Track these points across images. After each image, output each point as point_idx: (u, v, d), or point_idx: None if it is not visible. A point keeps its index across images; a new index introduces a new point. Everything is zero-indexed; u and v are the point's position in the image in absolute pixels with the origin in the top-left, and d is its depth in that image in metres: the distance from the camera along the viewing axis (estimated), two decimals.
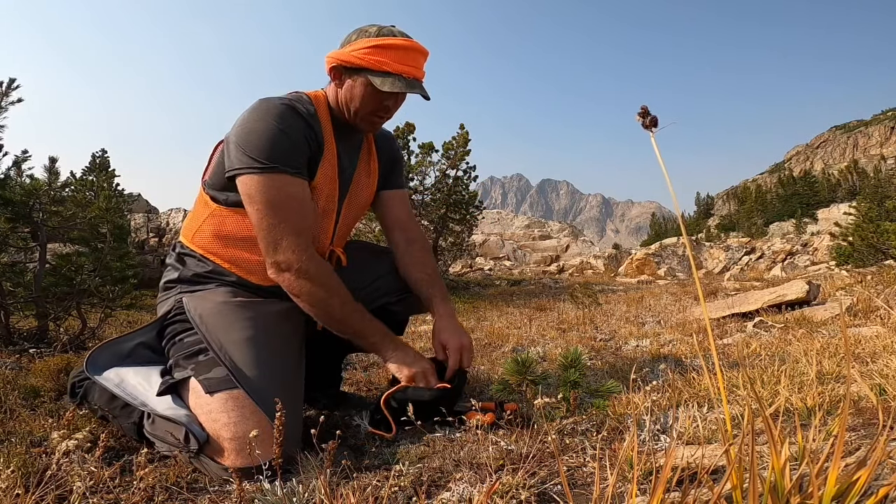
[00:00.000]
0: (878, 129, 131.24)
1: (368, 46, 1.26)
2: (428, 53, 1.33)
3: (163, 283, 1.43)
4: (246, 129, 1.23)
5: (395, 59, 1.26)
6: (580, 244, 22.95)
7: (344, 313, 1.28)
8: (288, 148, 1.24)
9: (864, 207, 8.18)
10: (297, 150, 1.26)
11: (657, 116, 0.90)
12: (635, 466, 0.74)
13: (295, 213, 1.24)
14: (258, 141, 1.21)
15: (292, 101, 1.30)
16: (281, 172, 1.22)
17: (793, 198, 51.46)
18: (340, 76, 1.33)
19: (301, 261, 1.23)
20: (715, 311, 3.25)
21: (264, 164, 1.21)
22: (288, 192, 1.23)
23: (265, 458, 0.99)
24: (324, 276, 1.26)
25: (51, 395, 1.60)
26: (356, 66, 1.28)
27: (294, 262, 1.23)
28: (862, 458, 0.68)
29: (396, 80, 1.26)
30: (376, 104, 1.32)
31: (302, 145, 1.27)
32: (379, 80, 1.26)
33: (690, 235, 30.22)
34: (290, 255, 1.22)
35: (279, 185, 1.22)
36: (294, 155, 1.25)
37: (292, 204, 1.23)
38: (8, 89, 2.63)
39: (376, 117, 1.36)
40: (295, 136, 1.25)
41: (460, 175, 8.43)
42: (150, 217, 12.32)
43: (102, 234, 2.84)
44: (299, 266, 1.23)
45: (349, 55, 1.28)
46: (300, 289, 1.25)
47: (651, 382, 1.32)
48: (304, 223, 1.26)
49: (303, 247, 1.24)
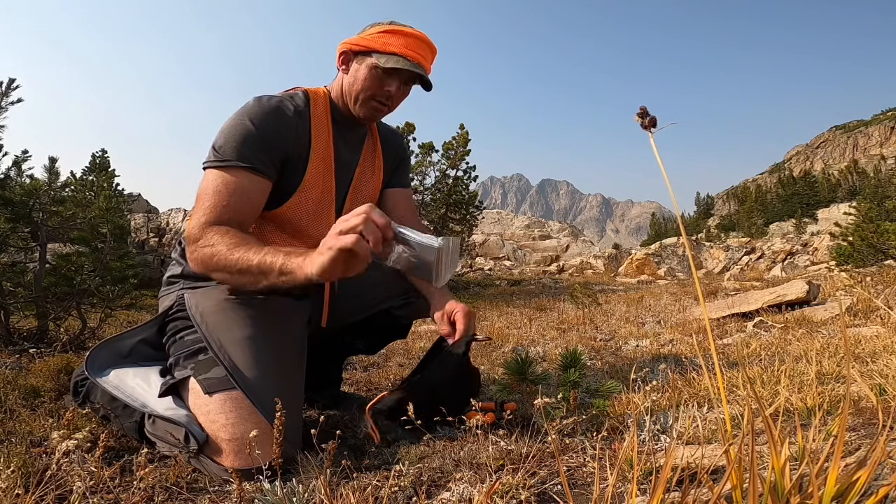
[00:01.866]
0: (878, 129, 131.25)
1: (379, 31, 1.31)
2: (436, 50, 1.36)
3: (166, 277, 1.43)
4: (223, 126, 1.26)
5: (403, 43, 1.30)
6: (580, 244, 22.96)
7: (236, 257, 1.12)
8: (255, 147, 1.24)
9: (864, 207, 8.18)
10: (266, 150, 1.25)
11: (656, 117, 0.90)
12: (635, 466, 0.74)
13: (224, 199, 1.20)
14: (226, 137, 1.23)
15: (282, 99, 1.31)
16: (236, 168, 1.22)
17: (793, 198, 51.47)
18: (349, 62, 1.36)
19: (193, 231, 1.17)
20: (715, 311, 3.25)
21: (222, 159, 1.22)
22: (234, 183, 1.21)
23: (264, 458, 0.98)
24: (216, 238, 1.15)
25: (51, 395, 1.60)
26: (364, 48, 1.31)
27: (189, 235, 1.18)
28: (862, 458, 0.68)
29: (400, 59, 1.29)
30: (378, 87, 1.32)
31: (275, 145, 1.27)
32: (384, 58, 1.29)
33: (690, 235, 30.19)
34: (192, 230, 1.18)
35: (228, 177, 1.22)
36: (260, 154, 1.24)
37: (228, 192, 1.21)
38: (8, 89, 2.64)
39: (377, 102, 1.35)
40: (269, 136, 1.25)
41: (460, 175, 8.43)
42: (150, 217, 12.32)
43: (102, 234, 2.84)
44: (189, 234, 1.18)
45: (360, 39, 1.33)
46: (193, 258, 1.18)
47: (651, 382, 1.31)
48: (223, 209, 1.20)
49: (203, 221, 1.18)
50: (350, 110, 1.38)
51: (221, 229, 1.17)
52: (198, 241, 1.18)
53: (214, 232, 1.17)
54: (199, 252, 1.17)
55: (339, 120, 1.39)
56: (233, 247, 1.12)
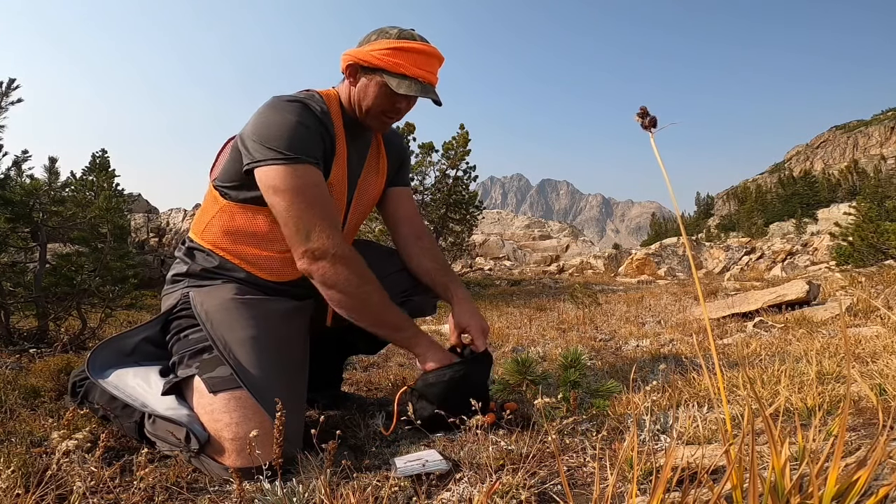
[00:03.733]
0: (878, 129, 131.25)
1: (387, 48, 1.27)
2: (444, 60, 1.35)
3: (170, 275, 1.43)
4: (264, 123, 1.24)
5: (412, 62, 1.27)
6: (580, 244, 22.96)
7: (381, 303, 1.27)
8: (307, 139, 1.24)
9: (864, 207, 8.17)
10: (316, 143, 1.27)
11: (656, 117, 0.90)
12: (635, 466, 0.74)
13: (323, 201, 1.24)
14: (278, 132, 1.22)
15: (305, 99, 1.30)
16: (304, 163, 1.22)
17: (793, 198, 51.48)
18: (356, 74, 1.34)
19: (336, 246, 1.22)
20: (715, 311, 3.25)
21: (287, 155, 1.21)
22: (313, 180, 1.23)
23: (265, 458, 0.98)
24: (359, 263, 1.25)
25: (51, 395, 1.60)
26: (373, 65, 1.29)
27: (330, 248, 1.21)
28: (862, 458, 0.68)
29: (412, 84, 1.27)
30: (389, 105, 1.33)
31: (318, 140, 1.28)
32: (395, 81, 1.27)
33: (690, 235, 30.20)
34: (325, 241, 1.21)
35: (304, 173, 1.22)
36: (313, 146, 1.26)
37: (319, 192, 1.24)
38: (8, 89, 2.64)
39: (386, 117, 1.37)
40: (313, 130, 1.26)
41: (460, 175, 8.43)
42: (150, 217, 12.32)
43: (102, 234, 2.84)
44: (335, 251, 1.21)
45: (367, 54, 1.29)
46: (337, 276, 1.23)
47: (651, 382, 1.32)
48: (332, 212, 1.26)
49: (336, 234, 1.23)
50: (358, 116, 1.38)
51: (356, 253, 1.27)
52: (343, 257, 1.22)
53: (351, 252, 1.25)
54: (346, 275, 1.23)
55: (348, 123, 1.40)
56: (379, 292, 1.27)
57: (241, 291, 1.31)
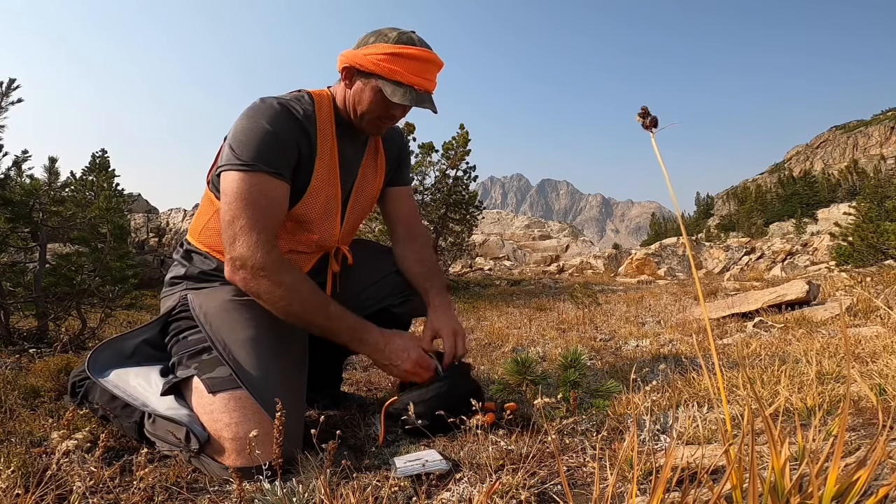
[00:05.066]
0: (878, 129, 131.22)
1: (385, 53, 1.24)
2: (443, 65, 1.32)
3: (168, 278, 1.43)
4: (238, 128, 1.24)
5: (409, 69, 1.24)
6: (580, 244, 22.96)
7: (306, 311, 1.21)
8: (274, 148, 1.22)
9: (864, 207, 8.18)
10: (283, 152, 1.24)
11: (657, 117, 0.90)
12: (635, 466, 0.74)
13: (261, 211, 1.20)
14: (244, 138, 1.21)
15: (289, 101, 1.29)
16: (259, 171, 1.20)
17: (793, 198, 51.47)
18: (352, 77, 1.32)
19: (256, 257, 1.17)
20: (715, 311, 3.25)
21: (244, 162, 1.20)
22: (261, 189, 1.21)
23: (265, 458, 0.99)
24: (281, 273, 1.19)
25: (51, 395, 1.60)
26: (369, 70, 1.26)
27: (248, 259, 1.17)
28: (862, 458, 0.68)
29: (407, 92, 1.25)
30: (383, 111, 1.31)
31: (291, 148, 1.26)
32: (390, 89, 1.24)
33: (690, 235, 30.20)
34: (245, 251, 1.17)
35: (253, 181, 1.20)
36: (279, 156, 1.23)
37: (261, 202, 1.20)
38: (8, 89, 2.63)
39: (381, 122, 1.35)
40: (284, 138, 1.24)
41: (460, 175, 8.42)
42: (150, 217, 12.32)
43: (102, 234, 2.84)
44: (254, 262, 1.17)
45: (364, 59, 1.26)
46: (257, 287, 1.19)
47: (651, 382, 1.31)
48: (269, 222, 1.21)
49: (261, 243, 1.18)
50: (352, 119, 1.37)
51: (281, 263, 1.20)
52: (262, 269, 1.17)
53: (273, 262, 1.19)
54: (266, 286, 1.18)
55: (342, 123, 1.38)
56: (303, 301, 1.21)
57: (239, 293, 1.31)
